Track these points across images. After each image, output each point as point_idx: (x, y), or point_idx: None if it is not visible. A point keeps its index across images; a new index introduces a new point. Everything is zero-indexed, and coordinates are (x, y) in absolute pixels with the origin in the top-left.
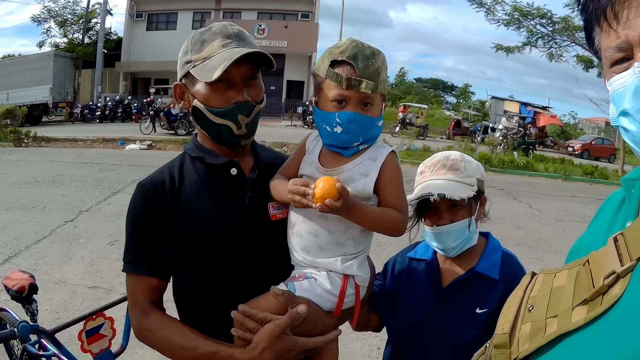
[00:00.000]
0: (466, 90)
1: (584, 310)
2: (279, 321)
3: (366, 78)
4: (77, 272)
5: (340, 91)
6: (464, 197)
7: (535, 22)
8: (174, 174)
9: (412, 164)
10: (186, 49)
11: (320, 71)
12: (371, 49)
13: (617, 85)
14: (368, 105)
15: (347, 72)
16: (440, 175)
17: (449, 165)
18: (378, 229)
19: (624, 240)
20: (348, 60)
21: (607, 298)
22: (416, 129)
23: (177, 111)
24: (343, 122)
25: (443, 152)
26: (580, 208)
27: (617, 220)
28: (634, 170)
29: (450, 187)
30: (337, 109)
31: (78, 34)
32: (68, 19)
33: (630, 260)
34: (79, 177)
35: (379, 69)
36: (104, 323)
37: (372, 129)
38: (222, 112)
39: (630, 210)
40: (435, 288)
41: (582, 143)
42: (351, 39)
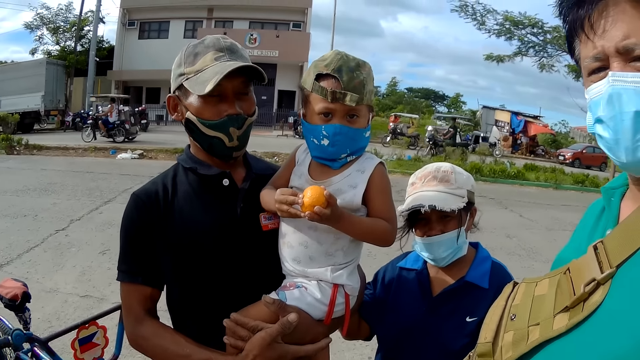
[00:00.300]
0: (457, 99)
1: (565, 318)
2: (270, 329)
3: (351, 90)
4: (68, 280)
5: (326, 104)
6: (454, 208)
7: (526, 32)
8: (167, 184)
9: (403, 173)
10: (179, 62)
11: (306, 84)
12: (356, 61)
13: (593, 93)
14: (354, 117)
15: (332, 85)
16: (431, 186)
17: (440, 177)
18: (367, 239)
19: (603, 248)
20: (333, 73)
21: (588, 305)
22: (407, 138)
23: (114, 119)
24: (329, 134)
25: (434, 163)
26: (571, 217)
27: (598, 228)
28: (614, 179)
29: (440, 198)
30: (324, 122)
31: (70, 42)
32: (61, 27)
33: (610, 267)
34: (71, 185)
35: (364, 80)
36: (97, 332)
37: (359, 141)
38: (214, 124)
39: (610, 218)
40: (426, 297)
41: (573, 152)
42: (336, 51)
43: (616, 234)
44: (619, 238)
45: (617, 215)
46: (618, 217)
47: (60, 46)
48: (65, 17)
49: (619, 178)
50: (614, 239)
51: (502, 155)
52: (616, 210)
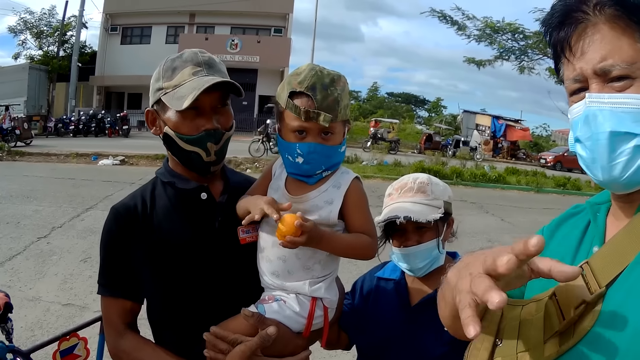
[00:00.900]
0: (438, 104)
1: (555, 344)
2: (249, 342)
3: (324, 109)
4: (50, 289)
5: (300, 123)
6: (430, 219)
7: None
8: (146, 198)
9: (384, 179)
10: (158, 76)
11: (280, 100)
12: (330, 76)
13: (573, 113)
14: (328, 135)
15: (305, 104)
16: (407, 197)
17: (416, 187)
18: (349, 255)
19: (590, 268)
20: (306, 91)
21: (578, 330)
22: (387, 143)
23: (7, 125)
24: (304, 153)
25: (411, 174)
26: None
27: (583, 244)
28: (600, 194)
29: (416, 209)
30: (298, 140)
31: (53, 47)
32: (44, 31)
33: (599, 287)
34: (52, 192)
35: (338, 97)
36: (78, 343)
37: (334, 157)
38: (191, 139)
39: (596, 234)
40: (404, 307)
41: (555, 155)
42: (311, 66)
43: (603, 253)
44: (606, 258)
45: (604, 232)
46: (604, 233)
47: (43, 51)
48: (48, 22)
49: (604, 194)
50: (601, 259)
51: (483, 159)
52: (602, 226)
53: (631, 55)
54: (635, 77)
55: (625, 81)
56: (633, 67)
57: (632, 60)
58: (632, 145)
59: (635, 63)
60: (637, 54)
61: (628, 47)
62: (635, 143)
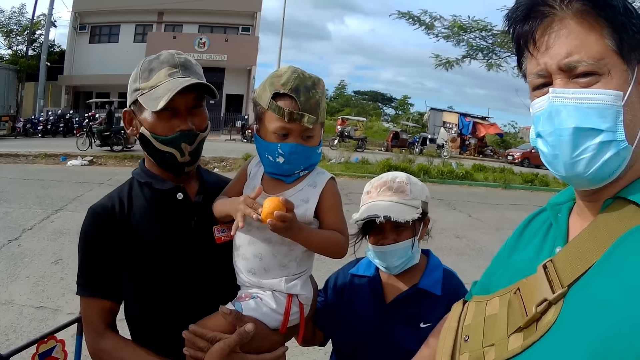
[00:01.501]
0: (405, 102)
1: (520, 338)
2: (228, 340)
3: (307, 111)
4: (23, 292)
5: (283, 124)
6: (408, 219)
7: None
8: (123, 199)
9: (351, 176)
10: (135, 77)
11: (261, 101)
12: (312, 79)
13: (535, 108)
14: (309, 137)
15: (289, 105)
16: (386, 196)
17: (395, 187)
18: (322, 251)
19: (553, 267)
20: (290, 93)
21: (541, 325)
22: (355, 141)
23: None
24: (285, 153)
25: (390, 172)
26: (521, 216)
27: (546, 245)
28: (560, 193)
29: (396, 209)
30: (279, 140)
31: (22, 46)
32: (13, 30)
33: (562, 287)
34: (22, 193)
35: (319, 100)
36: (56, 345)
37: (312, 157)
38: (166, 140)
39: (559, 234)
40: (379, 304)
41: (522, 151)
42: (292, 69)
43: (566, 252)
44: (570, 257)
45: (566, 231)
46: (567, 233)
47: (12, 50)
48: (18, 21)
49: (565, 192)
50: (564, 257)
51: (450, 157)
52: (564, 226)
53: (598, 52)
54: (602, 73)
55: (591, 77)
56: (600, 63)
57: (599, 57)
58: (597, 142)
59: (602, 59)
60: (604, 50)
61: (595, 43)
62: (600, 139)
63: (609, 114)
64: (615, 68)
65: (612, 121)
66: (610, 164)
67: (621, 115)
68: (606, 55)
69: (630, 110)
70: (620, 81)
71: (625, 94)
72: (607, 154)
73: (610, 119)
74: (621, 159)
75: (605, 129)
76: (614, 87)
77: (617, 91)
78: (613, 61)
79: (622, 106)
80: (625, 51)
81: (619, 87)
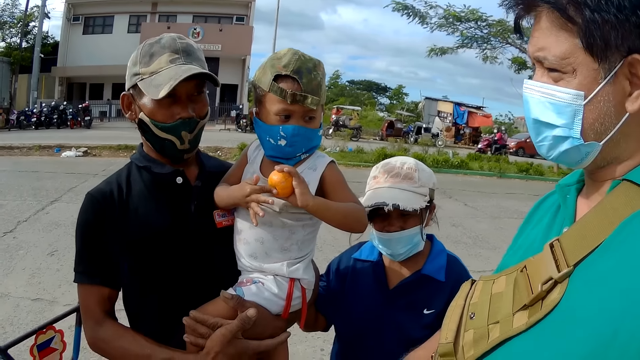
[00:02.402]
0: (399, 91)
1: (524, 316)
2: (230, 326)
3: (310, 92)
4: (19, 284)
5: (285, 106)
6: (416, 208)
7: (469, 25)
8: (121, 183)
9: (347, 165)
10: (135, 60)
11: (262, 84)
12: (312, 61)
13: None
14: (311, 119)
15: (292, 87)
16: (394, 183)
17: (404, 174)
18: (344, 221)
19: (560, 246)
20: (292, 74)
21: (546, 303)
22: (349, 130)
23: None
24: (287, 135)
25: (398, 157)
26: (516, 204)
27: (554, 225)
28: (569, 175)
29: (404, 197)
30: (281, 123)
31: (16, 38)
32: (7, 22)
33: (567, 266)
34: (16, 186)
35: (320, 82)
36: (55, 336)
37: (314, 140)
38: (166, 127)
39: (566, 215)
40: (382, 289)
41: (517, 141)
42: (292, 51)
43: (573, 232)
44: (576, 236)
45: (574, 212)
46: (575, 214)
47: (5, 42)
48: (11, 13)
49: (575, 174)
50: (571, 237)
51: (445, 146)
52: (572, 207)
53: (562, 51)
54: (565, 72)
55: (556, 73)
56: (563, 62)
57: (563, 56)
58: (552, 135)
59: (566, 58)
60: (571, 49)
61: (564, 41)
62: (555, 133)
63: (567, 112)
64: (583, 66)
65: (569, 119)
66: (571, 155)
67: (580, 114)
68: (572, 54)
69: (594, 109)
70: (585, 80)
71: (591, 94)
72: (563, 146)
73: (567, 117)
74: (582, 153)
75: (560, 125)
76: (575, 86)
77: (577, 91)
78: (580, 59)
79: (584, 105)
80: (597, 49)
81: (582, 86)
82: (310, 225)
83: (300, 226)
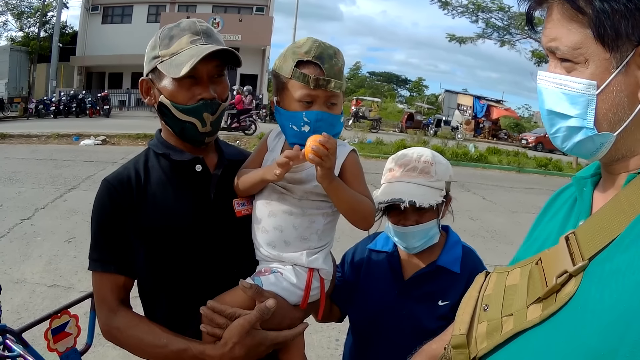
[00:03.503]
0: (420, 84)
1: (538, 308)
2: (248, 316)
3: (332, 77)
4: (35, 270)
5: (308, 91)
6: (432, 203)
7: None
8: (139, 170)
9: (365, 156)
10: (154, 44)
11: (283, 71)
12: (333, 49)
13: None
14: (333, 104)
15: (315, 72)
16: (411, 177)
17: (420, 167)
18: (352, 212)
19: (575, 239)
20: (314, 60)
21: (560, 296)
22: (369, 122)
23: None
24: (311, 121)
25: (415, 149)
26: (534, 199)
27: (571, 218)
28: (585, 168)
29: (420, 193)
30: (304, 109)
31: (34, 28)
32: (25, 12)
33: (582, 259)
34: (34, 173)
35: (342, 67)
36: (69, 321)
37: (337, 126)
38: (188, 109)
39: (582, 209)
40: (397, 280)
41: (536, 136)
42: (312, 39)
43: (588, 225)
44: (592, 230)
45: (590, 205)
46: (591, 207)
47: (24, 32)
48: (29, 3)
49: (591, 167)
50: (586, 230)
51: (465, 139)
52: (589, 200)
53: (573, 41)
54: (578, 62)
55: (569, 64)
56: (575, 52)
57: (575, 46)
58: (566, 126)
59: (578, 49)
60: (582, 40)
61: (575, 32)
62: (568, 124)
63: (580, 102)
64: (595, 57)
65: (582, 109)
66: (585, 145)
67: (593, 104)
68: (583, 45)
69: (607, 99)
70: (597, 70)
71: (603, 83)
72: (577, 137)
73: (581, 107)
74: (597, 144)
75: (574, 115)
76: (588, 76)
77: (590, 81)
78: (592, 50)
79: (596, 95)
80: (608, 39)
81: (594, 76)
82: (330, 214)
83: (320, 214)
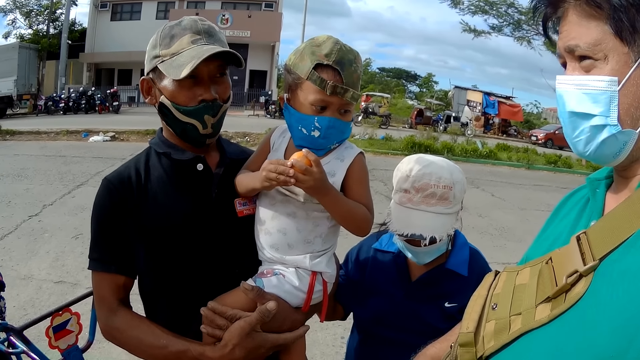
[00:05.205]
0: (429, 80)
1: (547, 308)
2: (249, 318)
3: (350, 86)
4: (42, 267)
5: (323, 97)
6: (451, 233)
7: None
8: (140, 169)
9: (375, 153)
10: (155, 43)
11: (299, 70)
12: (353, 53)
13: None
14: (347, 112)
15: (333, 78)
16: (429, 205)
17: (440, 194)
18: (348, 222)
19: (587, 239)
20: (334, 65)
21: (570, 296)
22: (379, 118)
23: None
24: (322, 127)
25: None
26: (543, 196)
27: (582, 219)
28: (599, 171)
29: (440, 224)
30: (316, 113)
31: (43, 25)
32: (34, 9)
33: (593, 259)
34: (43, 170)
35: (360, 74)
36: (71, 318)
37: (346, 132)
38: (188, 110)
39: (595, 209)
40: (404, 281)
41: (546, 132)
42: (333, 39)
43: (600, 226)
44: (603, 230)
45: (602, 206)
46: (603, 208)
47: (33, 29)
48: (38, 1)
49: (605, 169)
50: (598, 231)
51: (474, 135)
52: (601, 201)
53: (594, 37)
54: (598, 58)
55: (588, 61)
56: (595, 48)
57: (595, 42)
58: (590, 125)
59: (598, 45)
60: (601, 35)
61: (594, 28)
62: (592, 123)
63: (602, 99)
64: (614, 52)
65: (605, 106)
66: (609, 146)
67: (616, 100)
68: (602, 40)
69: (628, 93)
70: (617, 65)
71: (624, 78)
72: (601, 136)
73: (603, 104)
74: (621, 143)
75: (597, 114)
76: (608, 72)
77: (611, 77)
78: (611, 45)
79: (618, 90)
80: (626, 33)
81: (615, 72)
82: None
83: (324, 218)
